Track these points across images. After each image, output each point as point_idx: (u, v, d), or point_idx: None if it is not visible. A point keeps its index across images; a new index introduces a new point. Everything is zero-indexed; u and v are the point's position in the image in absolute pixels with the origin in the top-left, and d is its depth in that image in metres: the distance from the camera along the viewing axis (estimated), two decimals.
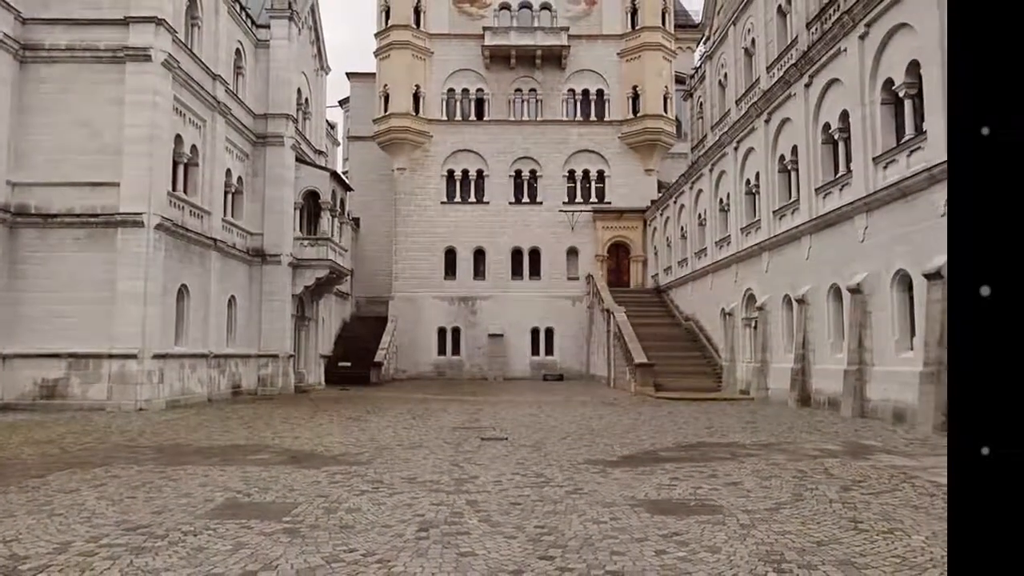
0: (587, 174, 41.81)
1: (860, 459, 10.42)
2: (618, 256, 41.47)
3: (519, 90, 42.22)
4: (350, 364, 35.40)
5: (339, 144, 53.71)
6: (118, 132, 20.18)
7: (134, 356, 19.53)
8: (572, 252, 41.17)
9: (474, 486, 8.38)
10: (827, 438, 13.11)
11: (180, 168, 22.77)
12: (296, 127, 30.30)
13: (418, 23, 41.36)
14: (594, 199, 41.62)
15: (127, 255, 19.87)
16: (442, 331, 40.78)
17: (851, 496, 7.71)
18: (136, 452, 11.27)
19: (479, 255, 41.30)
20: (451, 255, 41.26)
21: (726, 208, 28.29)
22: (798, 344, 20.99)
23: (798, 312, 21.16)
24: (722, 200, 28.75)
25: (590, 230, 41.14)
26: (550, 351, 40.64)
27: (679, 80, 42.81)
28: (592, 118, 42.10)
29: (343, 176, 37.79)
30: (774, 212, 23.52)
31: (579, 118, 42.16)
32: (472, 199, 41.63)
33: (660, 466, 9.83)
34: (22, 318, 19.60)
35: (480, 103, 42.23)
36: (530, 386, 33.31)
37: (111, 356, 19.51)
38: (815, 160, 20.64)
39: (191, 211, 23.05)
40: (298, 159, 29.95)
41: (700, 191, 31.57)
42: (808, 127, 20.95)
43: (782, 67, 24.32)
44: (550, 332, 40.77)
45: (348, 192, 34.62)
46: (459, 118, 42.07)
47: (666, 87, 41.29)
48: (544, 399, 24.12)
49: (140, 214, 19.96)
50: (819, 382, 19.98)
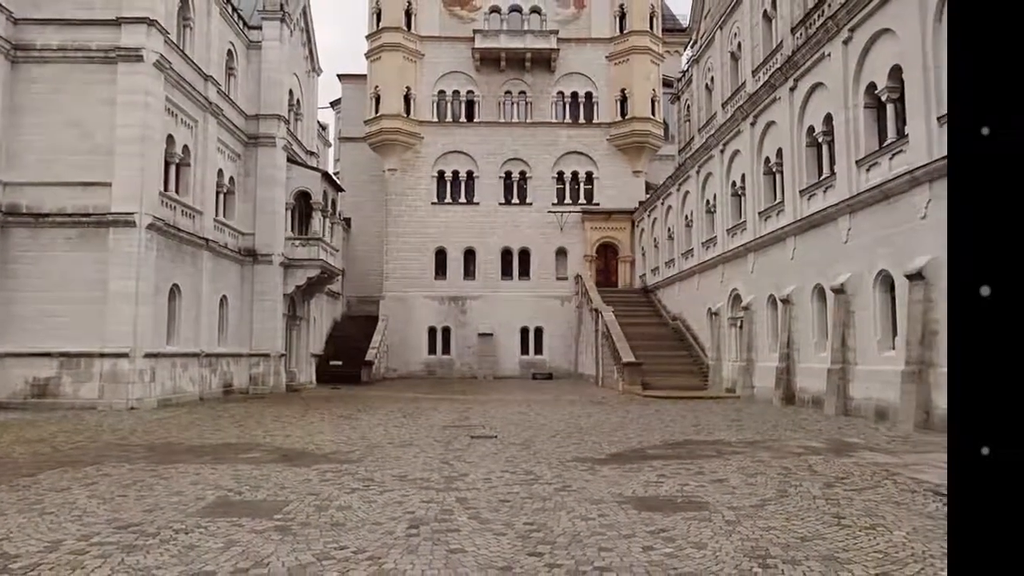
0: (576, 175, 41.88)
1: (843, 456, 10.49)
2: (606, 256, 41.55)
3: (509, 92, 42.23)
4: (341, 363, 35.29)
5: (330, 145, 53.58)
6: (110, 132, 20.03)
7: (126, 355, 19.40)
8: (561, 252, 41.22)
9: (464, 484, 8.38)
10: (811, 436, 13.19)
11: (172, 168, 22.62)
12: (288, 128, 30.18)
13: (409, 26, 41.29)
14: (583, 200, 41.69)
15: (119, 255, 19.73)
16: (432, 330, 40.73)
17: (834, 493, 7.76)
18: (127, 451, 11.19)
19: (469, 255, 41.28)
20: (441, 255, 41.21)
21: (712, 209, 28.40)
22: (783, 343, 21.10)
23: (783, 312, 21.27)
24: (708, 202, 28.86)
25: (579, 231, 41.20)
26: (539, 350, 40.66)
27: (666, 83, 42.92)
28: (581, 120, 42.17)
29: (334, 177, 37.69)
30: (759, 213, 23.64)
31: (568, 120, 42.21)
32: (462, 200, 41.60)
33: (647, 463, 9.85)
34: (13, 317, 19.43)
35: (470, 105, 42.21)
36: (519, 385, 33.32)
37: (103, 355, 19.37)
38: (800, 162, 20.76)
39: (183, 211, 22.91)
40: (290, 160, 29.83)
41: (687, 193, 31.67)
42: (793, 130, 21.06)
43: (767, 71, 24.43)
44: (539, 331, 40.79)
45: (339, 193, 34.51)
46: (450, 120, 42.03)
47: (654, 90, 41.42)
48: (533, 398, 24.13)
49: (132, 214, 19.82)
50: (803, 381, 20.09)
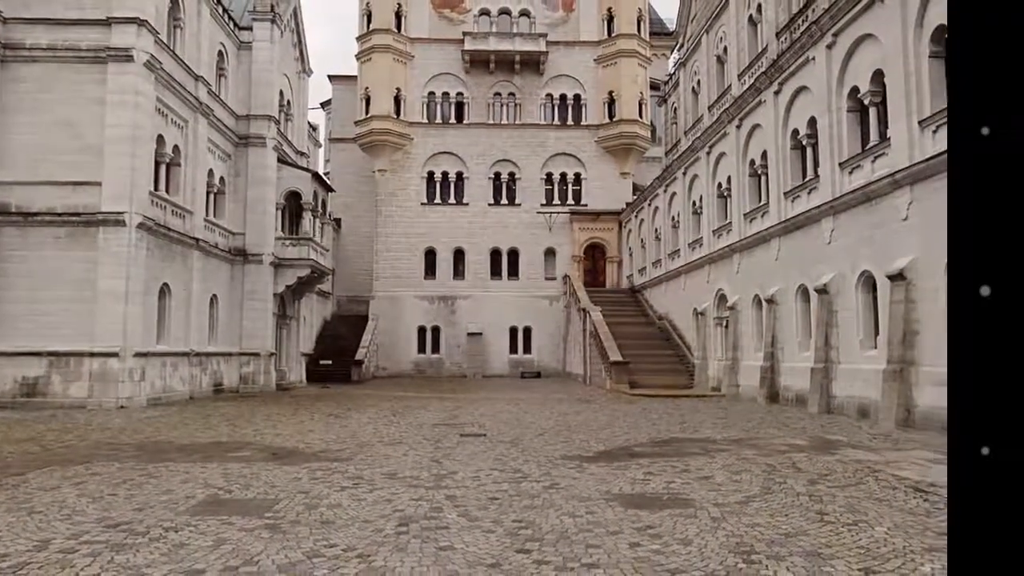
0: (564, 177, 41.93)
1: (826, 454, 10.55)
2: (594, 257, 41.62)
3: (498, 94, 42.22)
4: (331, 362, 35.16)
5: (321, 146, 53.34)
6: (100, 132, 19.86)
7: (115, 354, 19.24)
8: (550, 253, 41.25)
9: (453, 482, 8.37)
10: (795, 433, 13.26)
11: (162, 168, 22.45)
12: (278, 128, 30.03)
13: (399, 27, 41.19)
14: (571, 201, 41.75)
15: (108, 254, 19.57)
16: (422, 330, 40.66)
17: (818, 489, 7.81)
18: (117, 450, 11.10)
19: (459, 255, 41.24)
20: (431, 255, 41.15)
21: (698, 211, 28.51)
22: (767, 343, 21.21)
23: (767, 312, 21.38)
24: (695, 203, 28.97)
25: (567, 231, 41.25)
26: (528, 349, 40.68)
27: (654, 86, 43.06)
28: (569, 122, 42.23)
29: (325, 177, 37.53)
30: (745, 215, 23.75)
31: (557, 122, 42.26)
32: (452, 200, 41.55)
33: (634, 461, 9.88)
34: (3, 316, 19.22)
35: (460, 106, 42.17)
36: (508, 384, 33.32)
37: (92, 354, 19.20)
38: (784, 165, 20.87)
39: (173, 211, 22.75)
40: (280, 160, 29.69)
41: (674, 194, 31.78)
42: (777, 133, 21.18)
43: (753, 74, 24.54)
44: (528, 331, 40.81)
45: (329, 193, 34.38)
46: (439, 121, 41.97)
47: (641, 93, 41.54)
48: (522, 396, 24.13)
49: (122, 213, 19.67)
50: (787, 379, 20.20)
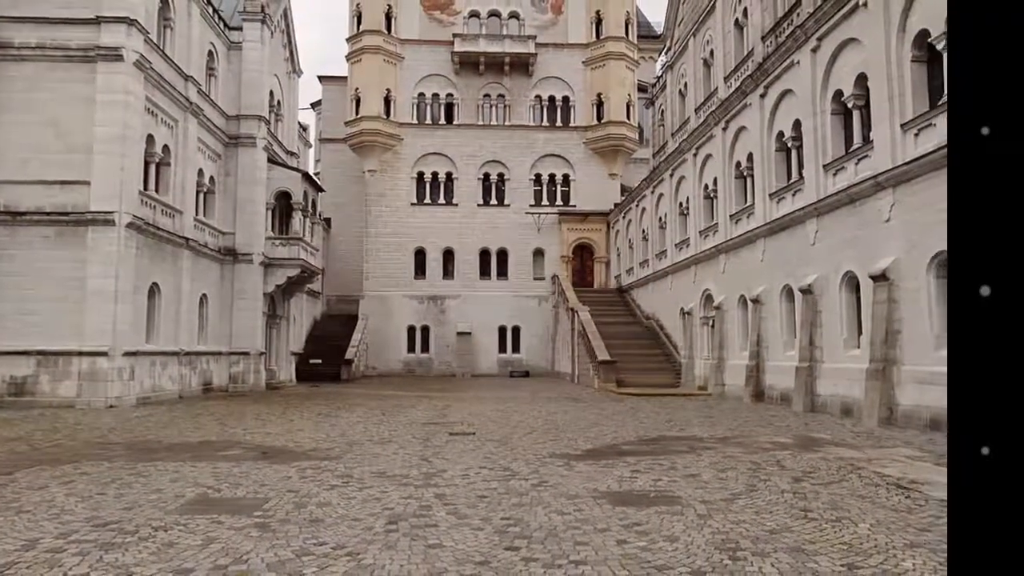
0: (553, 178, 41.97)
1: (810, 451, 10.62)
2: (582, 257, 41.69)
3: (488, 95, 42.20)
4: (321, 361, 35.02)
5: (311, 146, 53.11)
6: (89, 131, 19.68)
7: (104, 353, 19.07)
8: (538, 253, 41.28)
9: (442, 480, 8.35)
10: (780, 432, 13.33)
11: (152, 167, 22.29)
12: (268, 128, 29.87)
13: (389, 29, 41.10)
14: (560, 202, 41.81)
15: (98, 253, 19.40)
16: (412, 329, 40.59)
17: (802, 487, 7.86)
18: (106, 449, 11.00)
19: (448, 255, 41.20)
20: (421, 255, 41.08)
21: (685, 212, 28.62)
22: (753, 342, 21.31)
23: (753, 312, 21.49)
24: (682, 204, 29.07)
25: (556, 232, 41.30)
26: (517, 349, 40.69)
27: (641, 88, 43.20)
28: (558, 124, 42.28)
29: (315, 177, 37.37)
30: (731, 216, 23.85)
31: (545, 123, 42.30)
32: (442, 201, 41.51)
33: (622, 459, 9.90)
34: None
35: (450, 107, 42.13)
36: (497, 383, 33.31)
37: (81, 353, 19.02)
38: (769, 167, 20.98)
39: (163, 210, 22.58)
40: (270, 160, 29.53)
41: (661, 195, 31.88)
42: (763, 135, 21.29)
43: (739, 78, 24.66)
44: (517, 330, 40.82)
45: (320, 193, 34.25)
46: (429, 122, 41.91)
47: (629, 95, 41.66)
48: (510, 395, 24.13)
49: (111, 213, 19.50)
50: (772, 378, 20.31)
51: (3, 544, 5.55)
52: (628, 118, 41.50)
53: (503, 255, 41.34)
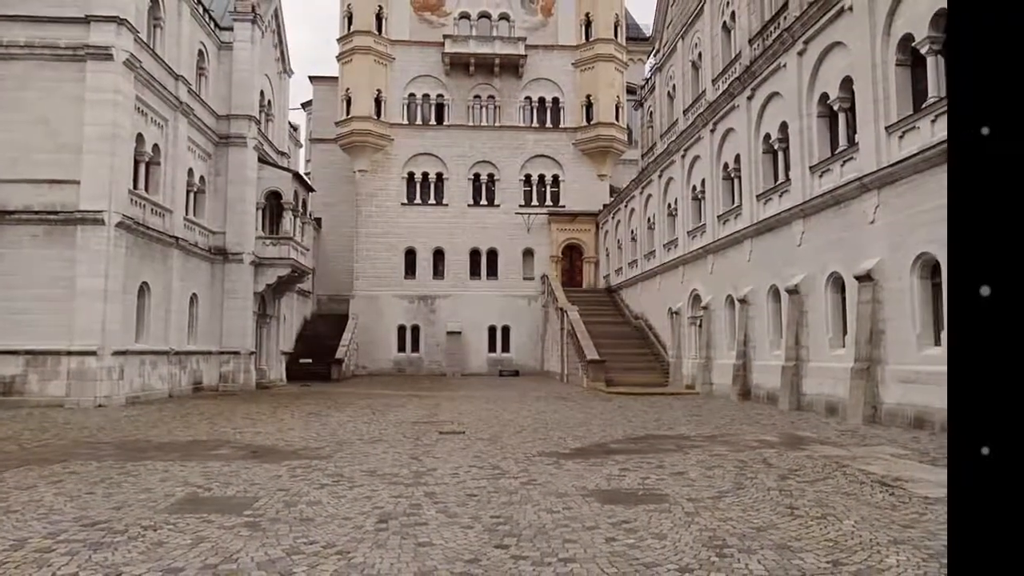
0: (543, 178, 42.00)
1: (796, 450, 10.68)
2: (572, 257, 41.74)
3: (478, 96, 42.19)
4: (311, 361, 34.88)
5: (302, 146, 52.92)
6: (78, 130, 19.52)
7: (93, 353, 18.92)
8: (528, 253, 41.30)
9: (432, 478, 8.34)
10: (766, 430, 13.40)
11: (142, 167, 22.13)
12: (259, 128, 29.72)
13: (380, 29, 41.00)
14: (549, 202, 41.85)
15: (87, 252, 19.24)
16: (402, 329, 40.50)
17: (788, 484, 7.90)
18: (95, 448, 10.91)
19: (438, 255, 41.15)
20: (411, 255, 41.01)
21: (673, 213, 28.70)
22: (740, 342, 21.41)
23: (740, 311, 21.59)
24: (670, 205, 29.16)
25: (545, 232, 41.33)
26: (506, 348, 40.69)
27: (630, 90, 43.31)
28: (548, 125, 42.32)
29: (305, 177, 37.21)
30: (718, 217, 23.95)
31: (535, 125, 42.32)
32: (432, 201, 41.45)
33: (610, 458, 9.92)
34: None
35: (440, 108, 42.08)
36: (487, 382, 33.29)
37: (70, 353, 18.86)
38: (757, 168, 21.08)
39: (152, 209, 22.42)
40: (261, 160, 29.38)
41: (649, 196, 31.96)
42: (750, 137, 21.39)
43: (726, 80, 24.77)
44: (506, 330, 40.82)
45: (310, 192, 34.09)
46: (419, 122, 41.83)
47: (618, 96, 41.74)
48: (500, 394, 24.13)
49: (100, 212, 19.34)
50: (759, 377, 20.41)
51: None
52: (617, 119, 41.58)
53: (493, 255, 41.32)
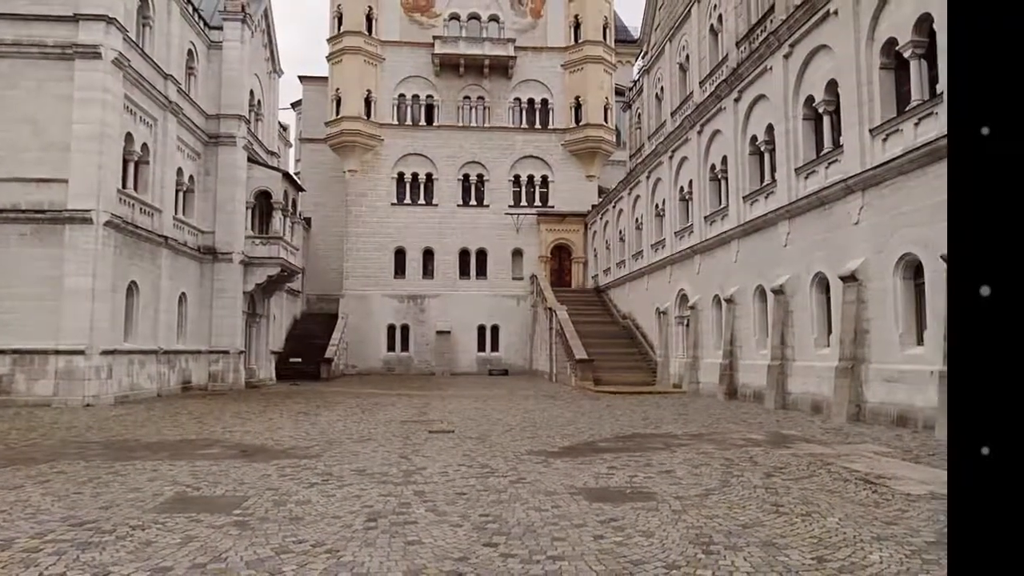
0: (532, 179, 42.03)
1: (782, 448, 10.74)
2: (560, 257, 41.79)
3: (467, 97, 42.15)
4: (301, 360, 34.72)
5: (291, 145, 52.68)
6: (66, 129, 19.34)
7: (81, 352, 18.75)
8: (517, 253, 41.31)
9: (421, 477, 8.33)
10: (752, 428, 13.47)
11: (130, 166, 21.95)
12: (248, 128, 29.55)
13: (370, 30, 40.88)
14: (538, 203, 41.89)
15: (75, 251, 19.06)
16: (391, 328, 40.41)
17: (773, 482, 7.95)
18: (83, 448, 10.81)
19: (428, 255, 41.08)
20: (401, 255, 40.92)
21: (661, 213, 28.80)
22: (726, 341, 21.51)
23: (726, 311, 21.69)
24: (658, 206, 29.25)
25: (534, 232, 41.35)
26: (496, 347, 40.68)
27: (619, 92, 43.41)
28: (537, 126, 42.35)
29: (295, 177, 37.05)
30: (705, 218, 24.05)
31: (524, 126, 42.34)
32: (422, 201, 41.38)
33: (599, 456, 9.94)
34: None
35: (430, 109, 42.02)
36: (476, 381, 33.27)
37: (57, 352, 18.69)
38: (743, 170, 21.18)
39: (141, 208, 22.25)
40: (250, 159, 29.22)
41: (638, 197, 32.05)
42: (737, 139, 21.48)
43: (714, 82, 24.87)
44: (496, 329, 40.81)
45: (300, 192, 33.96)
46: (409, 123, 41.75)
47: (607, 98, 41.83)
48: (489, 393, 24.12)
49: (89, 211, 19.17)
50: (745, 376, 20.51)
51: None
52: (606, 121, 41.68)
53: (482, 255, 41.31)
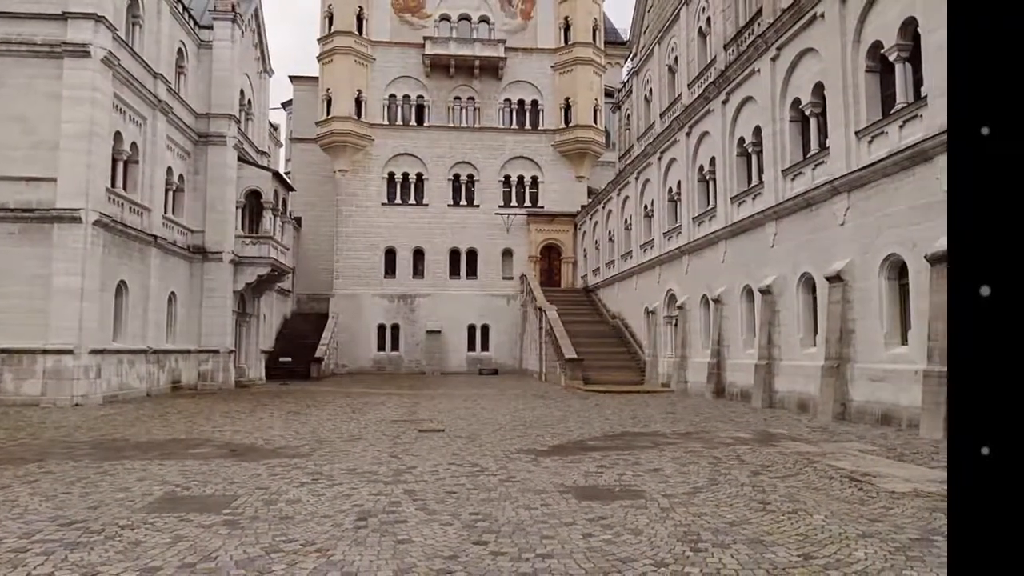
0: (522, 179, 42.04)
1: (768, 446, 10.80)
2: (550, 257, 41.83)
3: (458, 98, 42.11)
4: (291, 360, 34.58)
5: (282, 145, 52.42)
6: (55, 128, 19.16)
7: (70, 352, 18.58)
8: (507, 253, 41.31)
9: (411, 476, 8.31)
10: (739, 427, 13.53)
11: (120, 165, 21.77)
12: (239, 127, 29.38)
13: (361, 30, 40.76)
14: (528, 203, 41.91)
15: (64, 250, 18.89)
16: (382, 327, 40.31)
17: (760, 480, 7.98)
18: (72, 447, 10.72)
19: (418, 255, 41.01)
20: (391, 254, 40.83)
21: (650, 214, 28.87)
22: (714, 340, 21.59)
23: (714, 311, 21.78)
24: (646, 206, 29.33)
25: (524, 232, 41.37)
26: (486, 347, 40.66)
27: (608, 93, 43.49)
28: (527, 127, 42.37)
29: (285, 176, 36.87)
30: (694, 218, 24.13)
31: (514, 126, 42.35)
32: (412, 201, 41.30)
33: (588, 455, 9.95)
34: None
35: (420, 109, 41.95)
36: (466, 380, 33.24)
37: (46, 352, 18.51)
38: (731, 171, 21.27)
39: (131, 208, 22.07)
40: (240, 159, 29.06)
41: (627, 198, 32.12)
42: (725, 140, 21.57)
43: (702, 84, 24.97)
44: (486, 329, 40.79)
45: (290, 192, 33.81)
46: (400, 123, 41.67)
47: (596, 99, 41.91)
48: (479, 392, 24.10)
49: (78, 210, 19.00)
50: (732, 375, 20.61)
51: None
52: (595, 122, 41.75)
53: (472, 255, 41.28)
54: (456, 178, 41.60)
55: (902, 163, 13.29)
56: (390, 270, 40.72)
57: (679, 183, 25.46)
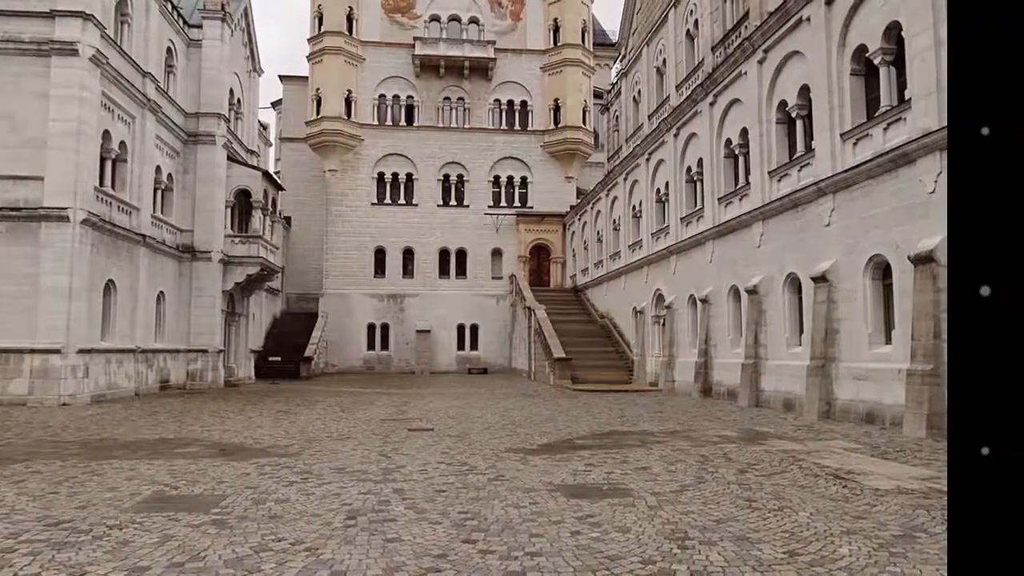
0: (511, 180, 42.05)
1: (755, 444, 10.86)
2: (539, 257, 41.86)
3: (448, 98, 42.05)
4: (280, 359, 34.40)
5: (271, 145, 52.13)
6: (43, 126, 18.97)
7: (58, 351, 18.40)
8: (496, 253, 41.30)
9: (401, 475, 8.29)
10: (726, 426, 13.60)
11: (108, 164, 21.58)
12: (228, 127, 29.21)
13: (351, 30, 40.62)
14: (517, 203, 41.91)
15: (52, 249, 18.71)
16: (371, 327, 40.19)
17: (747, 478, 8.03)
18: (59, 447, 10.61)
19: (408, 254, 40.92)
20: (381, 254, 40.71)
21: (638, 214, 28.96)
22: (701, 340, 21.69)
23: (702, 311, 21.87)
24: (635, 207, 29.41)
25: (513, 232, 41.37)
26: (475, 346, 40.64)
27: (597, 95, 43.56)
28: (516, 127, 42.37)
29: (275, 176, 36.68)
30: (681, 219, 24.22)
31: (504, 127, 42.34)
32: (402, 201, 41.21)
33: (576, 453, 9.97)
34: None
35: (410, 109, 41.86)
36: (456, 380, 33.21)
37: (33, 351, 18.32)
38: (718, 172, 21.37)
39: (119, 207, 21.89)
40: (230, 158, 28.88)
41: (615, 198, 32.20)
42: (712, 142, 21.67)
43: (690, 86, 25.05)
44: (475, 328, 40.77)
45: (280, 191, 33.65)
46: (390, 123, 41.55)
47: (585, 100, 41.98)
48: (469, 391, 24.08)
49: (65, 209, 18.82)
50: (719, 375, 20.70)
51: None
52: (584, 123, 41.83)
53: (462, 255, 41.24)
54: (446, 178, 41.54)
55: (886, 165, 13.40)
56: (380, 270, 40.61)
57: (667, 184, 25.55)
